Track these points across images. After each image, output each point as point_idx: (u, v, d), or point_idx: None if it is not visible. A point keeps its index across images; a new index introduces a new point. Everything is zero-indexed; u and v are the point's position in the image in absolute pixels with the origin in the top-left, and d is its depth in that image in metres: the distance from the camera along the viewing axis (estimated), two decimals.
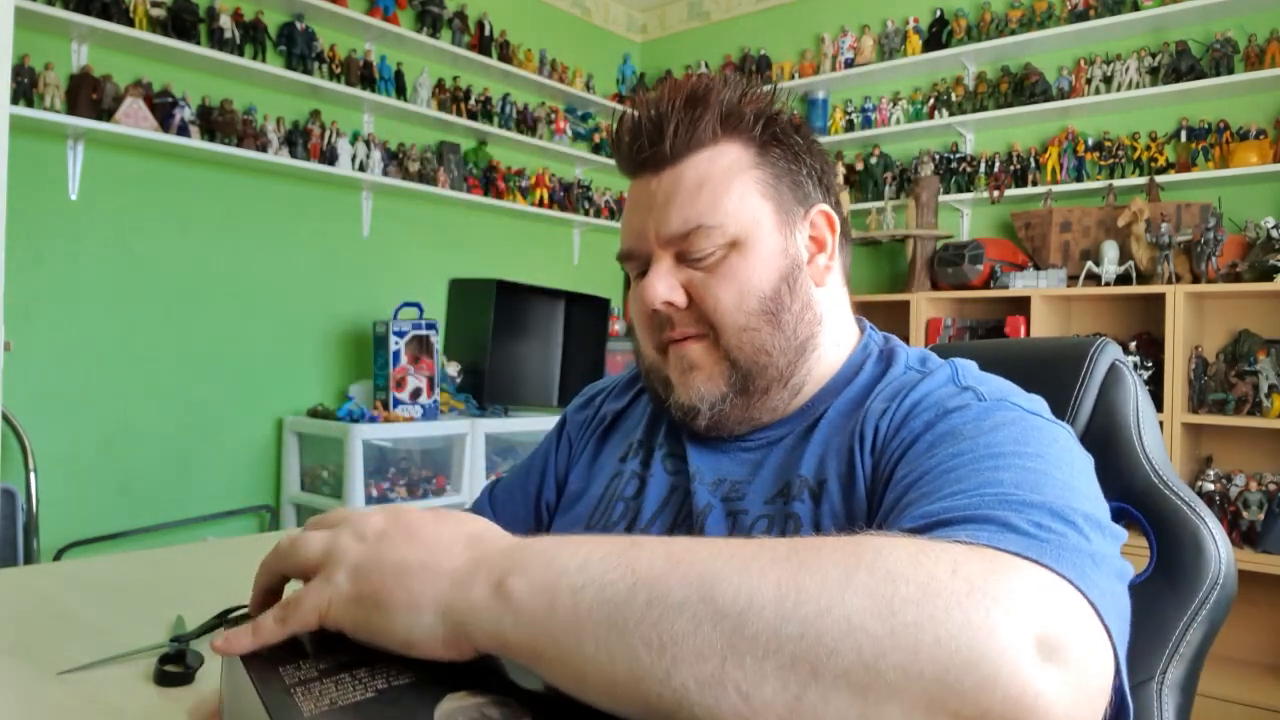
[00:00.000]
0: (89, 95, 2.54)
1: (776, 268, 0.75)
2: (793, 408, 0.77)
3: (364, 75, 3.22)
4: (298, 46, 3.04)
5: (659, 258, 0.75)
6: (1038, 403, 0.68)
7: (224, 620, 0.84)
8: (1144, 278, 2.89)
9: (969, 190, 3.45)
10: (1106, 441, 0.84)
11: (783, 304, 0.74)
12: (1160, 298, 2.76)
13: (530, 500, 0.93)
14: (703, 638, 0.41)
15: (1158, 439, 0.85)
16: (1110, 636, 0.44)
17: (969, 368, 0.74)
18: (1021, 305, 3.05)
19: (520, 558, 0.46)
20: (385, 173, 3.28)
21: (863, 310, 0.85)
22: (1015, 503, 0.51)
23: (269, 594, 0.52)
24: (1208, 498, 2.67)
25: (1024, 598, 0.41)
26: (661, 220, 0.74)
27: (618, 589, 0.43)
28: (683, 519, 0.77)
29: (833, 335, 0.79)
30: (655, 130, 0.74)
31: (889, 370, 0.76)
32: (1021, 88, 3.32)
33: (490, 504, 0.95)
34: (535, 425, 3.33)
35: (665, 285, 0.74)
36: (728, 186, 0.74)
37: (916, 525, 0.52)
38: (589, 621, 0.42)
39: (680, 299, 0.74)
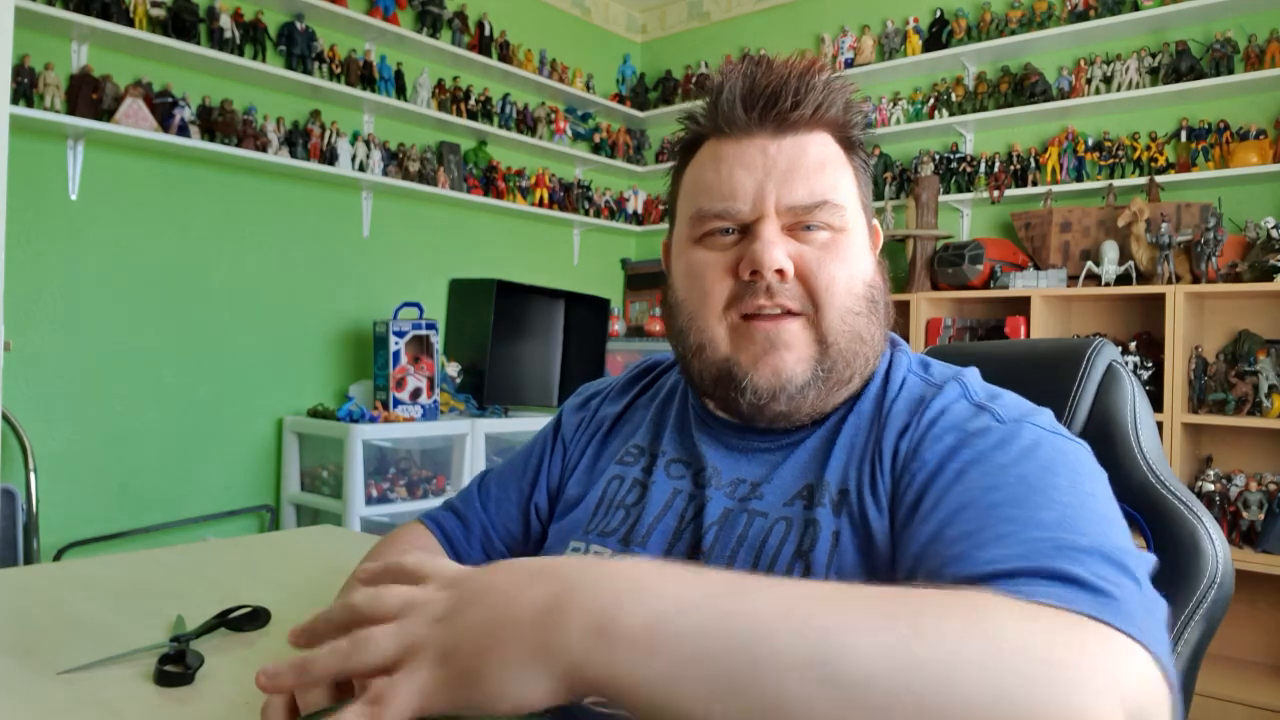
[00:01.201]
0: (89, 95, 2.55)
1: (873, 259, 0.76)
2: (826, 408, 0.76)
3: (364, 75, 3.23)
4: (298, 46, 3.04)
5: (769, 223, 0.71)
6: (1051, 418, 0.68)
7: (224, 620, 0.84)
8: (1144, 278, 2.89)
9: (969, 190, 3.45)
10: (1104, 442, 0.84)
11: (879, 292, 0.75)
12: (1160, 298, 2.76)
13: (522, 500, 0.90)
14: (816, 704, 0.40)
15: (1155, 439, 0.85)
16: (1172, 692, 0.45)
17: (976, 379, 0.74)
18: (1021, 305, 3.05)
19: (612, 589, 0.44)
20: (385, 173, 3.28)
21: None
22: (1068, 549, 0.51)
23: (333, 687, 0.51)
24: (1208, 498, 2.67)
25: (1114, 672, 0.42)
26: (786, 186, 0.71)
27: (726, 642, 0.41)
28: (686, 525, 0.75)
29: None
30: (798, 93, 0.71)
31: (891, 372, 0.76)
32: (1021, 88, 3.32)
33: (480, 496, 0.92)
34: (535, 425, 3.33)
35: (782, 252, 0.70)
36: (841, 172, 0.74)
37: (976, 575, 0.51)
38: (695, 672, 0.41)
39: (791, 268, 0.70)
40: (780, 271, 0.70)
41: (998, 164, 3.38)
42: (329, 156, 3.12)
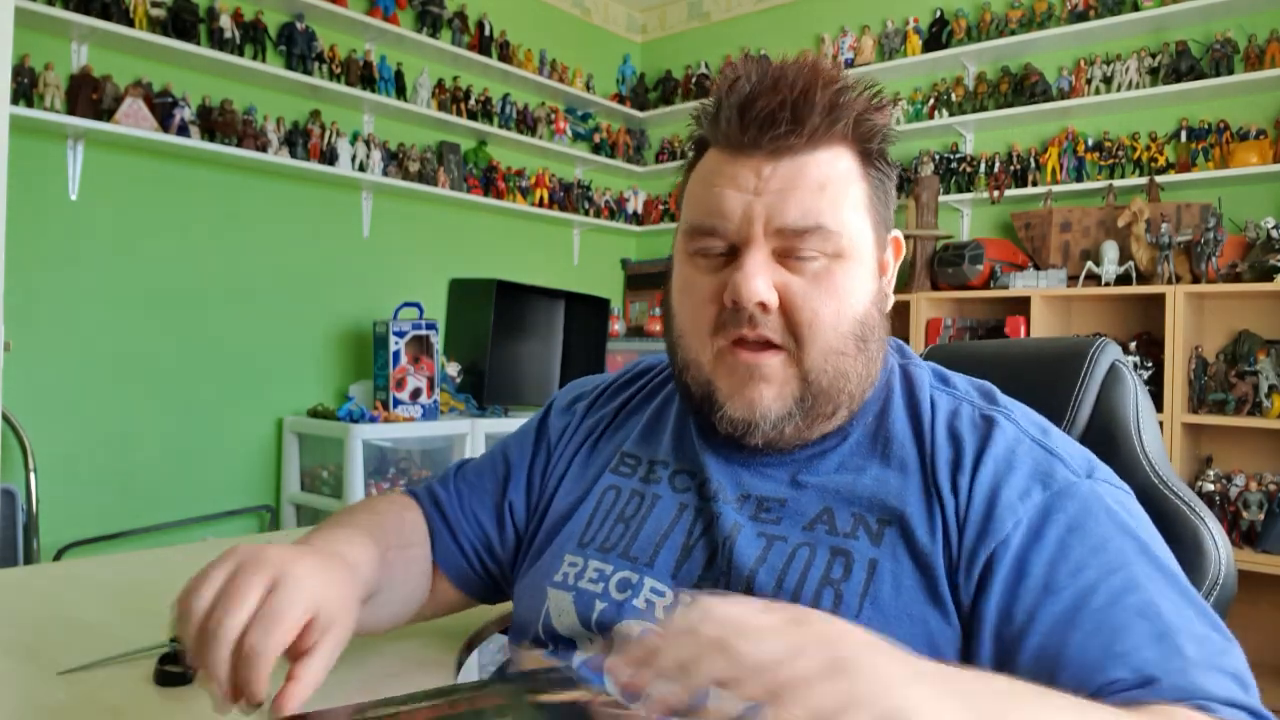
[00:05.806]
0: (89, 95, 2.54)
1: (870, 290, 0.71)
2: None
3: (364, 75, 3.22)
4: (298, 46, 3.04)
5: (757, 247, 0.67)
6: (1098, 461, 0.71)
7: None
8: (1144, 278, 2.89)
9: (969, 190, 3.45)
10: (1106, 442, 0.84)
11: (871, 329, 0.70)
12: (1160, 298, 2.76)
13: (497, 494, 0.86)
14: None
15: (1157, 439, 0.85)
16: None
17: (1002, 399, 0.73)
18: (1021, 305, 3.05)
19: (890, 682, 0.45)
20: (385, 173, 3.28)
21: None
22: (1203, 667, 0.57)
23: None
24: (1208, 498, 2.67)
25: None
26: (777, 208, 0.67)
27: None
28: (695, 541, 0.72)
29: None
30: (794, 116, 0.67)
31: (915, 391, 0.74)
32: (1021, 88, 3.32)
33: (457, 487, 0.87)
34: None
35: (765, 281, 0.67)
36: (846, 193, 0.69)
37: (1143, 698, 0.55)
38: None
39: (775, 300, 0.67)
40: (763, 304, 0.67)
41: (998, 164, 3.38)
42: (329, 156, 3.12)
